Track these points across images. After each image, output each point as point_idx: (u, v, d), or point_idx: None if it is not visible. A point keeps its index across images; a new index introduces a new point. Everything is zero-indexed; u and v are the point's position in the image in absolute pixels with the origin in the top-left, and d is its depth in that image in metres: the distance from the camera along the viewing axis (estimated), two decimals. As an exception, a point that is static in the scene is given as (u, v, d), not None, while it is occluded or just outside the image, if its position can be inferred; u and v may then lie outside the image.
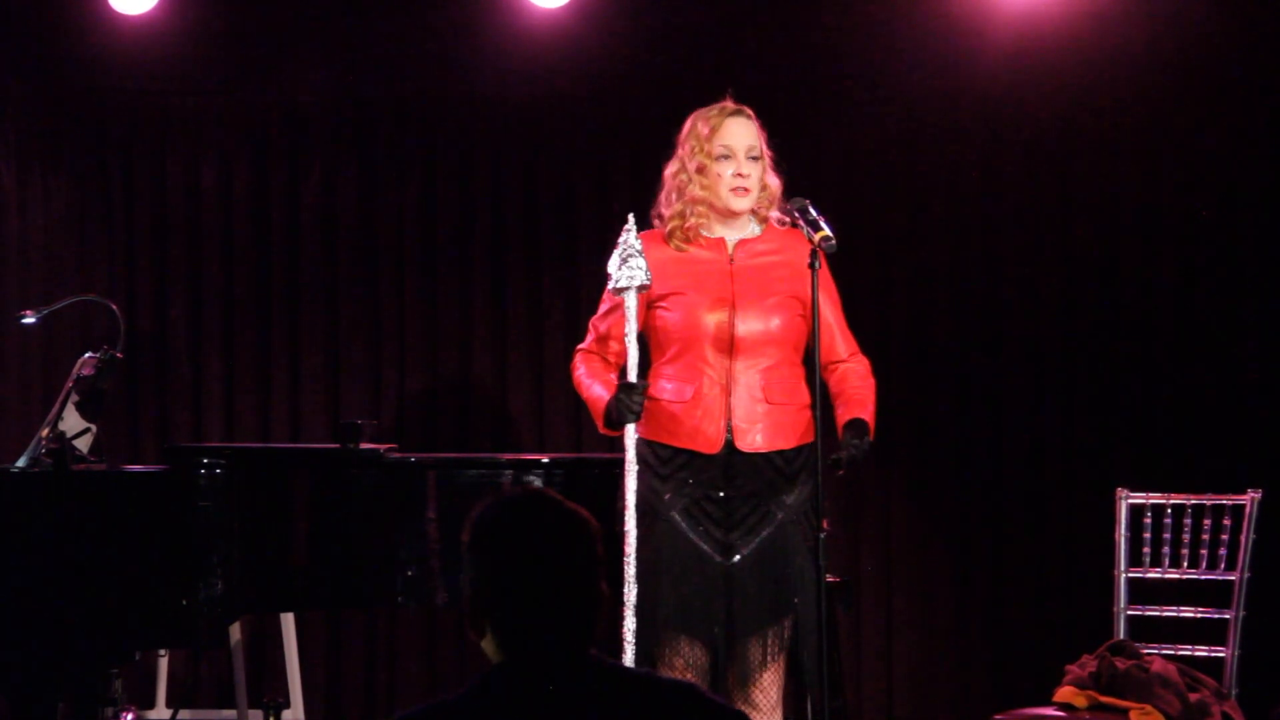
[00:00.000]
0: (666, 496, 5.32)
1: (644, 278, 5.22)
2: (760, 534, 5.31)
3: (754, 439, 5.33)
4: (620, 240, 5.26)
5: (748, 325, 5.33)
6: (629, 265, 5.23)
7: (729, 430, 5.33)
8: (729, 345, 5.34)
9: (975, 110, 7.57)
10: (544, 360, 7.75)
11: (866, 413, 5.38)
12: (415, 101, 7.88)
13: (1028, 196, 7.56)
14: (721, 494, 5.32)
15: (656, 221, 5.50)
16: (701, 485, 5.32)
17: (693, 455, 5.33)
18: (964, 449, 7.56)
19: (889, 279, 7.63)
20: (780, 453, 5.34)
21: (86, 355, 6.24)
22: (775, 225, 5.47)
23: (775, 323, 5.36)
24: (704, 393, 5.33)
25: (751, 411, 5.33)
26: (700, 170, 5.41)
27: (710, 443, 5.32)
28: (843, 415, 5.40)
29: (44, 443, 5.96)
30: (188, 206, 7.94)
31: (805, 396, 5.36)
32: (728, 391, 5.33)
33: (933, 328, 7.60)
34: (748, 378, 5.34)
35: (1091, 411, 7.48)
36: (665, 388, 5.35)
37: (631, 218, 5.28)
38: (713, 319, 5.34)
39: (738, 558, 5.30)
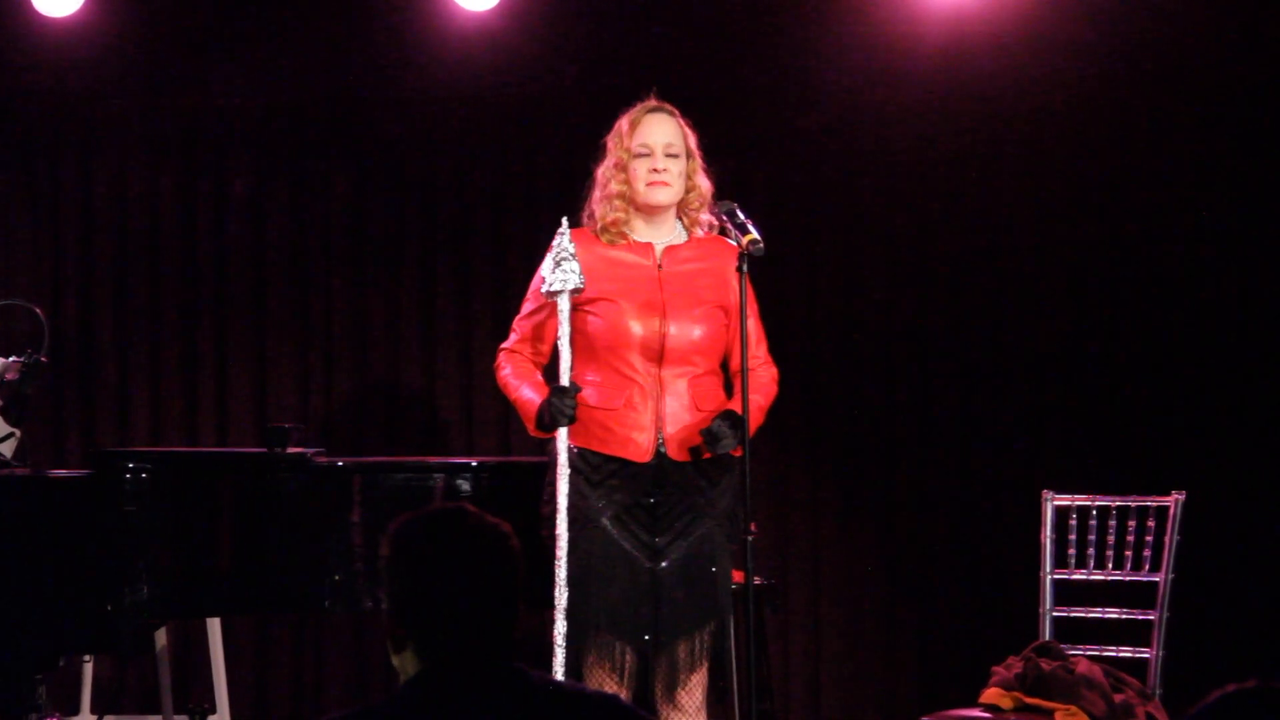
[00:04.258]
0: (598, 504, 5.32)
1: (577, 281, 5.24)
2: (688, 538, 5.32)
3: (684, 447, 5.34)
4: (554, 243, 5.28)
5: (677, 334, 5.35)
6: (563, 269, 5.25)
7: (660, 438, 5.34)
8: (659, 354, 5.35)
9: (904, 112, 7.59)
10: (473, 363, 7.74)
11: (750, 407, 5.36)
12: (344, 104, 7.85)
13: (955, 197, 7.59)
14: (651, 500, 5.33)
15: (587, 220, 5.52)
16: (631, 492, 5.33)
17: (624, 463, 5.34)
18: (891, 451, 7.58)
19: (817, 281, 7.64)
20: (710, 460, 5.36)
21: (10, 359, 6.19)
22: (700, 231, 5.49)
23: (702, 332, 5.38)
24: (634, 401, 5.34)
25: (681, 419, 5.35)
26: (619, 166, 5.45)
27: (642, 451, 5.33)
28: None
29: (-33, 448, 5.92)
30: (114, 209, 7.90)
31: (726, 400, 5.41)
32: (659, 400, 5.35)
33: (860, 330, 7.62)
34: (676, 386, 5.36)
35: (1018, 414, 7.52)
36: (593, 394, 5.36)
37: (565, 221, 5.31)
38: (642, 327, 5.35)
39: (665, 562, 5.31)
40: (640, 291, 5.38)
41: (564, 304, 5.26)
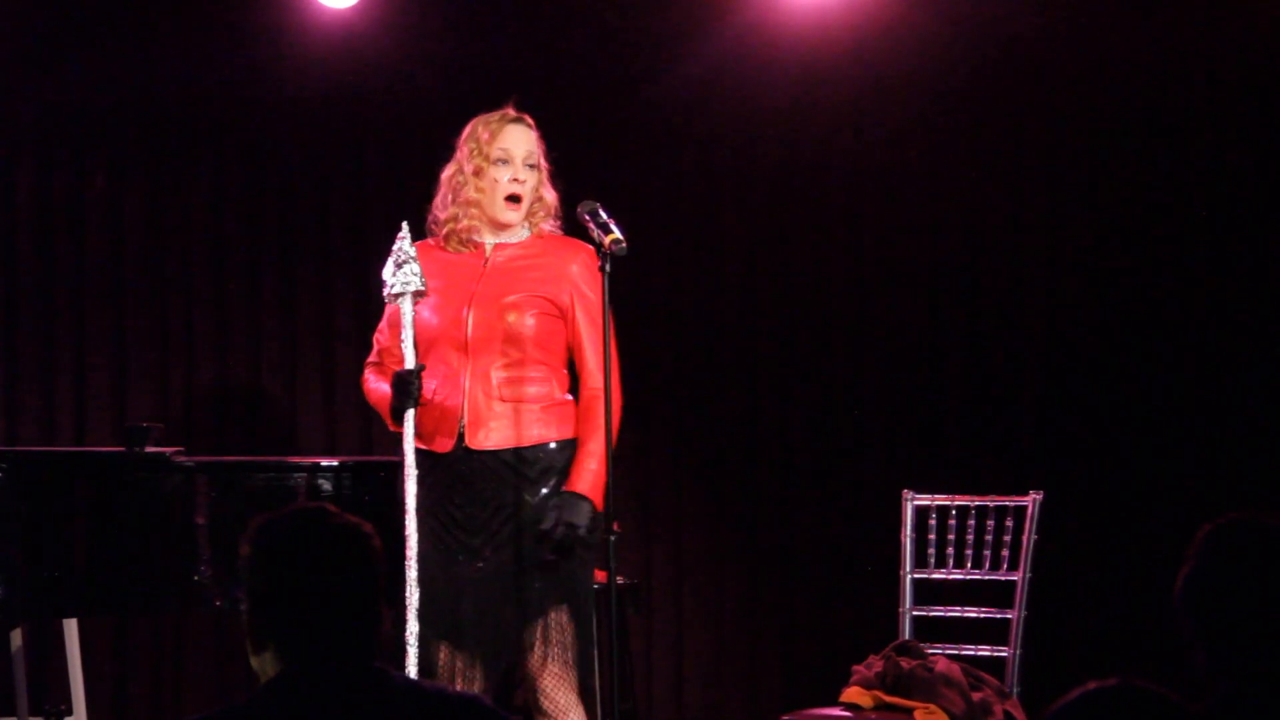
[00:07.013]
0: (423, 502, 5.30)
1: (419, 284, 5.27)
2: (501, 535, 5.30)
3: (484, 437, 5.32)
4: (395, 247, 5.31)
5: (480, 323, 5.35)
6: (403, 271, 5.28)
7: (461, 427, 5.33)
8: (464, 344, 5.35)
9: (767, 114, 7.62)
10: (334, 363, 7.70)
11: (585, 481, 5.30)
12: (204, 101, 7.78)
13: (817, 199, 7.62)
14: (459, 496, 5.32)
15: (433, 226, 5.52)
16: (441, 486, 5.33)
17: (433, 457, 5.34)
18: (753, 450, 7.61)
19: (679, 280, 7.66)
20: (515, 450, 5.34)
21: None
22: (544, 233, 5.49)
23: (512, 320, 5.35)
24: (440, 392, 5.35)
25: (484, 410, 5.33)
26: (477, 173, 5.44)
27: (443, 443, 5.33)
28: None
29: None
30: (-31, 207, 7.81)
31: (554, 394, 5.39)
32: (460, 390, 5.34)
33: (722, 328, 7.64)
34: (482, 376, 5.35)
35: (879, 414, 7.57)
36: (427, 387, 5.36)
37: (405, 225, 5.33)
38: (449, 318, 5.36)
39: (481, 563, 5.30)
40: (456, 285, 5.39)
41: (406, 306, 5.29)
